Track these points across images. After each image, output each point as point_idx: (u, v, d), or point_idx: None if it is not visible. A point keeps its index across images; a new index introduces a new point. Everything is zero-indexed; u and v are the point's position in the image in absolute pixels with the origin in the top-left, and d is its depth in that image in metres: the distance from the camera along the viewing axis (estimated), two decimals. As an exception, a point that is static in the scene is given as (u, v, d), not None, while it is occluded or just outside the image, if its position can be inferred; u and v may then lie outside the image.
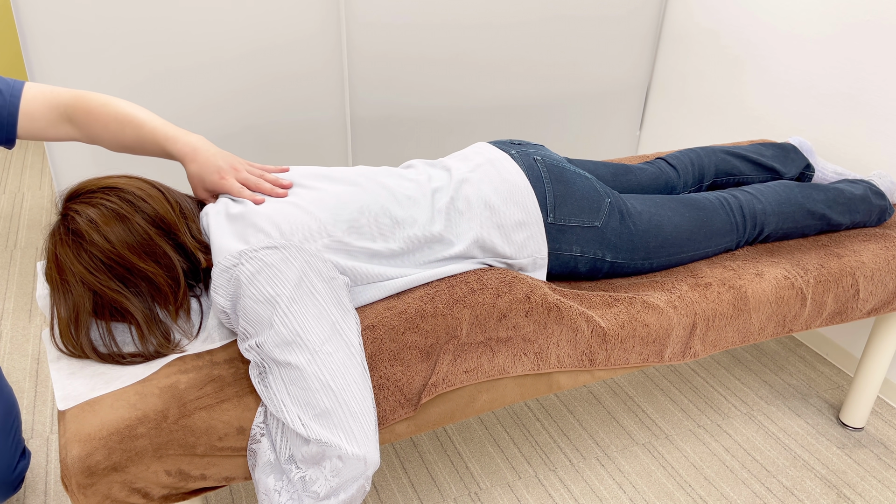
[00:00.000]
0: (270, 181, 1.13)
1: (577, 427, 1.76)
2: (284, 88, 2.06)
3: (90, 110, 1.13)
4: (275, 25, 1.97)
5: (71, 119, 1.14)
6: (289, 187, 1.13)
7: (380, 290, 1.09)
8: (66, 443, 0.89)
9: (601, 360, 1.19)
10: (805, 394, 1.91)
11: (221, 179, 1.11)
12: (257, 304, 0.93)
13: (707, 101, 2.39)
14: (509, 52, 2.31)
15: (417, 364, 1.04)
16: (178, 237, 1.05)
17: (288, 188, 1.13)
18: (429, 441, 1.69)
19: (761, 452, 1.70)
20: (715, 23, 2.30)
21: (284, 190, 1.12)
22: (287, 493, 0.87)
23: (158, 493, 0.93)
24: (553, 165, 1.26)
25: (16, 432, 1.30)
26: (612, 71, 2.52)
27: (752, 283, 1.30)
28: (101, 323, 1.02)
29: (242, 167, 1.13)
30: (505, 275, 1.15)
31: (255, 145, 2.11)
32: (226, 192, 1.11)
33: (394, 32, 2.12)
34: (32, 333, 2.03)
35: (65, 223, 1.01)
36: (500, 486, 1.57)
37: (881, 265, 1.42)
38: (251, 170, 1.14)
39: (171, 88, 1.93)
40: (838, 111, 1.94)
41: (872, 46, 1.82)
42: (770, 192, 1.44)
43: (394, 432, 1.05)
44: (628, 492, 1.57)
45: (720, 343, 1.30)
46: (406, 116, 2.27)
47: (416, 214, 1.13)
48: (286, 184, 1.13)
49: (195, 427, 0.93)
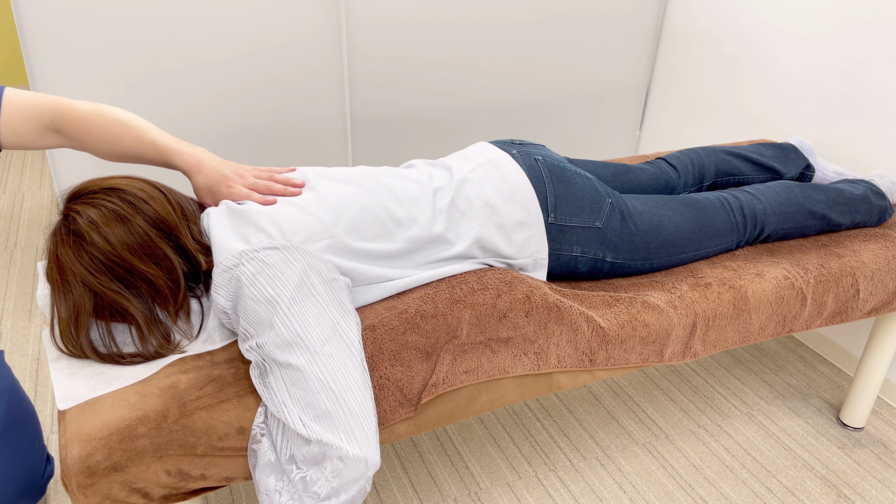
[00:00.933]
0: (281, 181, 1.13)
1: (577, 427, 1.76)
2: (284, 88, 2.06)
3: (81, 122, 1.10)
4: (275, 25, 1.97)
5: (58, 129, 1.11)
6: (301, 185, 1.13)
7: (380, 290, 1.09)
8: (66, 443, 0.89)
9: (601, 360, 1.19)
10: (805, 394, 1.91)
11: (230, 189, 1.11)
12: (258, 304, 0.93)
13: (707, 101, 2.39)
14: (509, 51, 2.31)
15: (418, 364, 1.04)
16: (179, 239, 1.05)
17: (301, 187, 1.13)
18: (429, 441, 1.69)
19: (761, 452, 1.70)
20: (715, 23, 2.30)
21: (298, 189, 1.12)
22: (288, 494, 0.87)
23: (159, 493, 0.93)
24: (554, 165, 1.26)
25: (39, 439, 1.31)
26: (612, 71, 2.52)
27: (753, 283, 1.30)
28: (101, 323, 1.02)
29: (248, 173, 1.13)
30: (505, 275, 1.15)
31: (254, 145, 2.11)
32: (235, 200, 1.11)
33: (394, 32, 2.12)
34: (32, 333, 2.03)
35: (66, 223, 1.01)
36: (500, 486, 1.57)
37: (881, 265, 1.43)
38: (258, 174, 1.14)
39: (172, 87, 1.93)
40: (838, 111, 1.94)
41: (872, 46, 1.82)
42: (770, 192, 1.44)
43: (394, 432, 1.05)
44: (628, 492, 1.57)
45: (720, 343, 1.30)
46: (406, 116, 2.27)
47: (418, 214, 1.13)
48: (298, 182, 1.13)
49: (195, 427, 0.93)
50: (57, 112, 1.09)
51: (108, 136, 1.11)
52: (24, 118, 1.08)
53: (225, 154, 2.09)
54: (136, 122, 1.13)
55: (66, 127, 1.10)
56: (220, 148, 2.07)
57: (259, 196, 1.09)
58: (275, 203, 1.08)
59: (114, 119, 1.11)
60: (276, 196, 1.10)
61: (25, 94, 1.09)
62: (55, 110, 1.09)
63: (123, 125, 1.11)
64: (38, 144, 1.12)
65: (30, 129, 1.09)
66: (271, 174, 1.14)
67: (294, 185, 1.13)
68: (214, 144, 2.05)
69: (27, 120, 1.08)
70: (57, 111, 1.09)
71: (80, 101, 1.12)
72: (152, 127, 1.14)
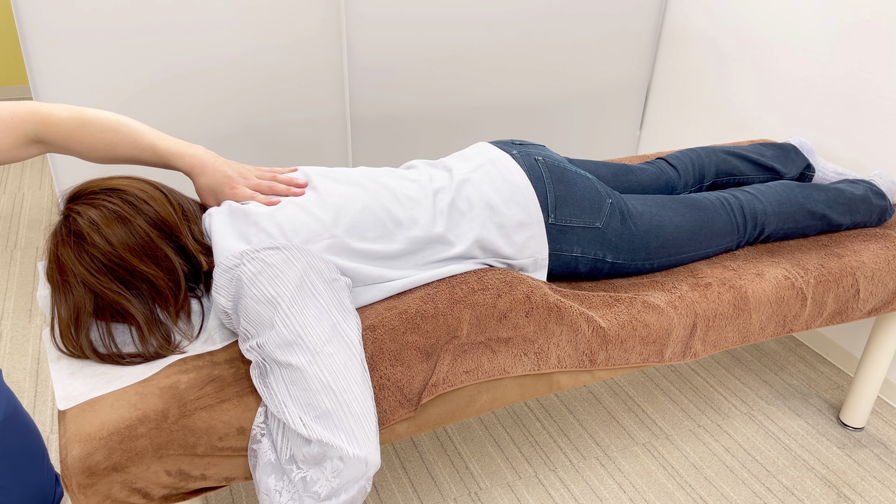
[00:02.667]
0: (284, 181, 1.13)
1: (577, 427, 1.76)
2: (284, 87, 2.06)
3: (68, 132, 1.04)
4: (275, 24, 1.97)
5: (42, 141, 1.05)
6: (304, 186, 1.13)
7: (381, 290, 1.09)
8: (66, 443, 0.89)
9: (601, 360, 1.19)
10: (805, 394, 1.91)
11: (233, 189, 1.11)
12: (259, 304, 0.93)
13: (707, 101, 2.39)
14: (509, 50, 2.31)
15: (418, 364, 1.04)
16: (180, 239, 1.05)
17: (304, 186, 1.13)
18: (429, 441, 1.69)
19: (761, 452, 1.70)
20: (715, 23, 2.30)
21: (301, 189, 1.12)
22: (288, 494, 0.87)
23: (159, 493, 0.93)
24: (554, 166, 1.26)
25: (46, 461, 1.29)
26: (612, 70, 2.52)
27: (753, 283, 1.30)
28: (102, 324, 1.02)
29: (251, 174, 1.13)
30: (505, 275, 1.15)
31: (254, 144, 2.11)
32: (238, 201, 1.11)
33: (394, 31, 2.12)
34: (32, 333, 2.03)
35: (66, 224, 1.01)
36: (500, 486, 1.57)
37: (881, 265, 1.43)
38: (261, 174, 1.13)
39: (173, 88, 1.93)
40: (838, 111, 1.94)
41: (872, 47, 1.82)
42: (770, 192, 1.45)
43: (394, 432, 1.05)
44: (628, 492, 1.57)
45: (720, 343, 1.30)
46: (406, 115, 2.27)
47: (418, 215, 1.13)
48: (301, 182, 1.13)
49: (195, 427, 0.93)
50: (39, 123, 1.03)
51: (100, 145, 1.07)
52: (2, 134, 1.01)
53: (226, 154, 2.09)
54: (129, 126, 1.08)
55: (52, 138, 1.05)
56: (221, 148, 2.07)
57: (263, 197, 1.09)
58: (278, 203, 1.08)
59: (104, 126, 1.06)
60: (279, 196, 1.10)
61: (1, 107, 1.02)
62: (37, 122, 1.03)
63: (115, 132, 1.07)
64: (21, 157, 1.06)
65: (10, 145, 1.02)
66: (274, 174, 1.14)
67: (297, 185, 1.13)
68: (215, 145, 2.05)
69: (5, 135, 1.01)
70: (39, 122, 1.03)
71: (61, 107, 1.05)
72: (146, 129, 1.10)
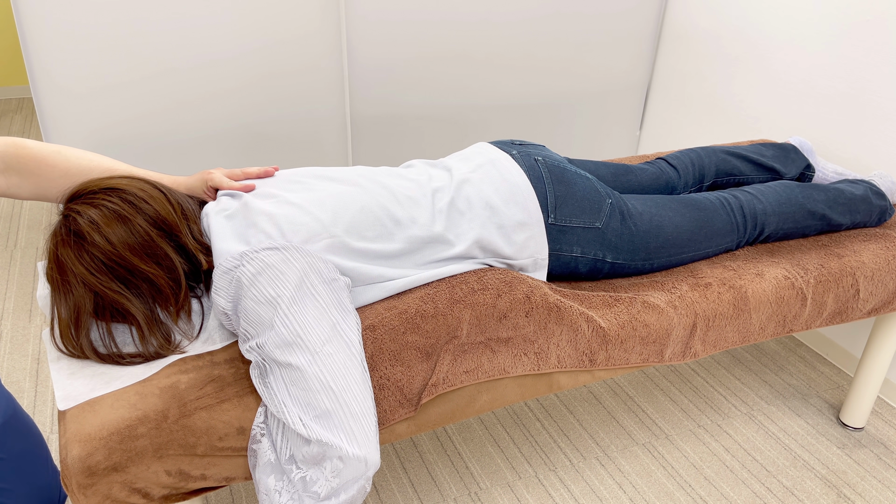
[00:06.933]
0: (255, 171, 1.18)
1: (577, 427, 1.76)
2: (284, 85, 2.06)
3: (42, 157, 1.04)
4: (274, 22, 1.97)
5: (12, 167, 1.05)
6: (276, 169, 1.20)
7: (380, 290, 1.09)
8: (66, 443, 0.89)
9: (601, 360, 1.19)
10: (805, 394, 1.91)
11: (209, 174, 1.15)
12: (258, 305, 0.93)
13: (707, 101, 2.39)
14: (509, 50, 2.31)
15: (418, 364, 1.04)
16: (180, 238, 1.05)
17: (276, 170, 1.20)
18: (429, 441, 1.69)
19: (761, 452, 1.70)
20: (715, 22, 2.30)
21: (272, 168, 1.19)
22: (288, 494, 0.87)
23: (159, 493, 0.93)
24: (554, 166, 1.26)
25: (50, 462, 1.29)
26: (612, 70, 2.52)
27: (753, 283, 1.30)
28: (102, 324, 1.02)
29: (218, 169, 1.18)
30: (505, 275, 1.15)
31: (254, 143, 2.11)
32: (215, 184, 1.15)
33: (394, 29, 2.12)
34: (32, 333, 2.03)
35: (66, 224, 1.01)
36: (500, 486, 1.57)
37: (881, 265, 1.43)
38: (230, 173, 1.18)
39: (172, 86, 1.93)
40: (838, 111, 1.94)
41: (872, 46, 1.82)
42: (770, 192, 1.45)
43: (394, 432, 1.05)
44: (628, 492, 1.57)
45: (720, 343, 1.30)
46: (406, 114, 2.27)
47: (417, 214, 1.13)
48: (270, 170, 1.19)
49: (195, 427, 0.93)
50: (11, 146, 1.04)
51: (74, 170, 1.09)
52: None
53: (225, 151, 2.09)
54: (105, 157, 1.12)
55: (24, 162, 1.05)
56: (220, 145, 2.07)
57: (237, 184, 1.13)
58: (253, 188, 1.13)
59: (80, 155, 1.10)
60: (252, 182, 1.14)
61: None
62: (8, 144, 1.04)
63: (90, 160, 1.10)
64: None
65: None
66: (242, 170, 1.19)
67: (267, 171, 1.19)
68: (214, 142, 2.05)
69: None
70: (11, 145, 1.04)
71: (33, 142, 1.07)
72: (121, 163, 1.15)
